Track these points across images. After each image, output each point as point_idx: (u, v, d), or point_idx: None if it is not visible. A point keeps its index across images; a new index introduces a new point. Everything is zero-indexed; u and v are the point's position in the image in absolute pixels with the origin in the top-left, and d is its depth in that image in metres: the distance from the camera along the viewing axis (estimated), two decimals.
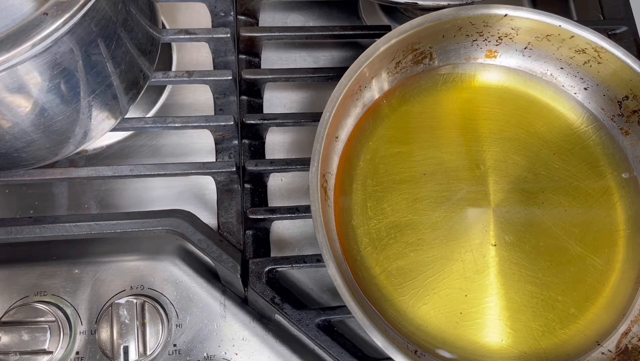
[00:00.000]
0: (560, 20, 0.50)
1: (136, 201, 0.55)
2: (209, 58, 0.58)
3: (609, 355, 0.46)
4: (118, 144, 0.57)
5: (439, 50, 0.54)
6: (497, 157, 0.51)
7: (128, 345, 0.46)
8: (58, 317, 0.47)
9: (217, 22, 0.59)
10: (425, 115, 0.53)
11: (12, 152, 0.44)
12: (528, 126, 0.53)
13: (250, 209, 0.51)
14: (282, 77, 0.56)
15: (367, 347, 0.50)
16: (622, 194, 0.52)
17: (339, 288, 0.41)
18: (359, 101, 0.51)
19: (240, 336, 0.50)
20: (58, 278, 0.50)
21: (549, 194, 0.50)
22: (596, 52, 0.51)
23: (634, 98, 0.51)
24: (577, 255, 0.49)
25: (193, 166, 0.51)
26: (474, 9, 0.50)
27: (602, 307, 0.48)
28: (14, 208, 0.54)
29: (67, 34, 0.37)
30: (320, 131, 0.45)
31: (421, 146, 0.52)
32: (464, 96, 0.54)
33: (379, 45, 0.48)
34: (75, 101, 0.42)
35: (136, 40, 0.46)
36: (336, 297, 0.53)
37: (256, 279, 0.49)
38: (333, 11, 0.66)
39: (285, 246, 0.55)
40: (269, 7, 0.65)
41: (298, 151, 0.59)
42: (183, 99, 0.59)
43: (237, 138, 0.54)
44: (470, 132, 0.52)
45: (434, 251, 0.48)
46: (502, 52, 0.55)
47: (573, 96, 0.55)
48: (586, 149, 0.53)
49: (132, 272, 0.51)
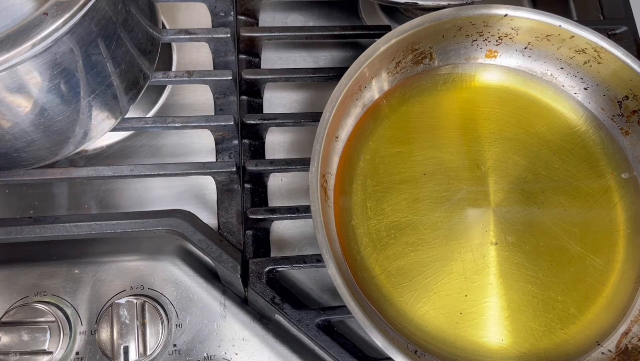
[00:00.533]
0: (560, 20, 0.50)
1: (136, 201, 0.55)
2: (209, 58, 0.58)
3: (609, 355, 0.46)
4: (118, 144, 0.57)
5: (439, 50, 0.54)
6: (497, 157, 0.51)
7: (128, 345, 0.46)
8: (58, 317, 0.47)
9: (217, 22, 0.59)
10: (425, 115, 0.53)
11: (12, 152, 0.44)
12: (528, 126, 0.53)
13: (250, 209, 0.51)
14: (282, 77, 0.56)
15: (367, 347, 0.50)
16: (622, 194, 0.52)
17: (339, 288, 0.41)
18: (359, 101, 0.51)
19: (240, 336, 0.50)
20: (58, 278, 0.50)
21: (549, 194, 0.50)
22: (596, 52, 0.51)
23: (634, 98, 0.51)
24: (577, 255, 0.49)
25: (193, 166, 0.51)
26: (474, 9, 0.50)
27: (602, 307, 0.48)
28: (14, 208, 0.54)
29: (67, 34, 0.37)
30: (320, 131, 0.45)
31: (421, 146, 0.51)
32: (464, 96, 0.54)
33: (379, 45, 0.48)
34: (75, 101, 0.42)
35: (136, 40, 0.46)
36: (336, 297, 0.53)
37: (256, 279, 0.49)
38: (333, 11, 0.66)
39: (285, 246, 0.55)
40: (269, 7, 0.65)
41: (298, 151, 0.59)
42: (183, 99, 0.59)
43: (237, 138, 0.54)
44: (470, 132, 0.52)
45: (434, 251, 0.48)
46: (502, 52, 0.55)
47: (573, 96, 0.55)
48: (586, 149, 0.53)
49: (132, 272, 0.51)
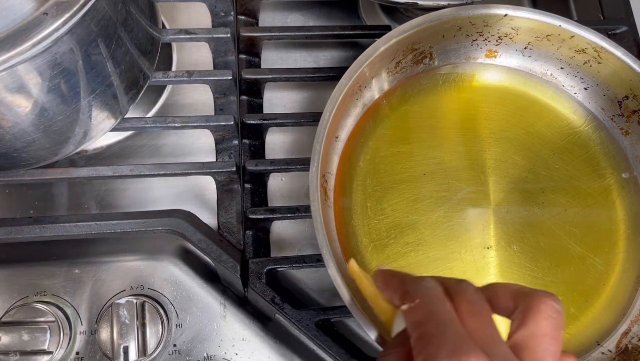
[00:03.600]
0: (560, 20, 0.50)
1: (136, 201, 0.55)
2: (209, 58, 0.58)
3: (609, 355, 0.46)
4: (118, 144, 0.57)
5: (439, 50, 0.54)
6: (497, 157, 0.51)
7: (128, 345, 0.46)
8: (58, 317, 0.47)
9: (217, 22, 0.59)
10: (425, 115, 0.53)
11: (12, 152, 0.44)
12: (528, 126, 0.53)
13: (250, 209, 0.51)
14: (282, 77, 0.56)
15: (367, 347, 0.50)
16: (622, 194, 0.52)
17: (339, 288, 0.41)
18: (359, 100, 0.51)
19: (240, 336, 0.50)
20: (58, 278, 0.50)
21: (549, 194, 0.50)
22: (596, 52, 0.51)
23: (634, 98, 0.51)
24: (577, 255, 0.49)
25: (193, 166, 0.51)
26: (474, 8, 0.50)
27: (602, 307, 0.48)
28: (14, 208, 0.54)
29: (67, 34, 0.37)
30: (320, 131, 0.45)
31: (421, 146, 0.51)
32: (464, 95, 0.54)
33: (379, 45, 0.48)
34: (75, 101, 0.42)
35: (136, 40, 0.46)
36: (336, 297, 0.53)
37: (256, 279, 0.49)
38: (333, 11, 0.66)
39: (285, 246, 0.55)
40: (269, 7, 0.65)
41: (298, 151, 0.59)
42: (183, 99, 0.59)
43: (237, 138, 0.54)
44: (470, 132, 0.52)
45: (434, 251, 0.48)
46: (502, 52, 0.55)
47: (573, 96, 0.55)
48: (586, 149, 0.53)
49: (132, 272, 0.51)
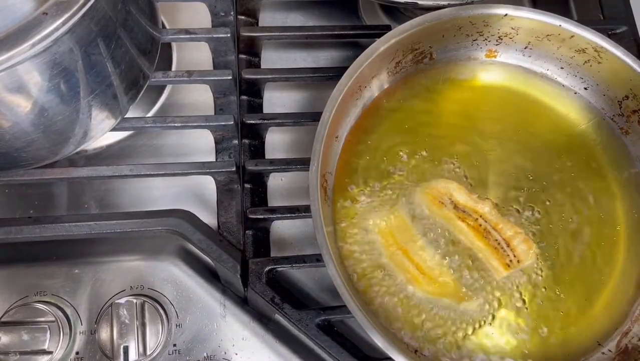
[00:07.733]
0: (560, 20, 0.50)
1: (136, 201, 0.55)
2: (209, 58, 0.58)
3: (609, 355, 0.46)
4: (118, 144, 0.57)
5: (439, 49, 0.54)
6: (498, 157, 0.51)
7: (128, 345, 0.46)
8: (58, 317, 0.47)
9: (217, 22, 0.59)
10: (425, 115, 0.53)
11: (12, 152, 0.44)
12: (528, 126, 0.53)
13: (250, 209, 0.51)
14: (282, 77, 0.56)
15: (367, 347, 0.50)
16: (622, 194, 0.51)
17: (339, 288, 0.41)
18: (359, 100, 0.51)
19: (240, 336, 0.50)
20: (58, 278, 0.50)
21: (549, 193, 0.50)
22: (596, 52, 0.51)
23: (634, 98, 0.51)
24: (577, 255, 0.49)
25: (193, 166, 0.51)
26: (474, 8, 0.50)
27: (602, 307, 0.48)
28: (14, 208, 0.54)
29: (66, 34, 0.37)
30: (320, 131, 0.45)
31: (421, 146, 0.51)
32: (464, 95, 0.54)
33: (379, 45, 0.48)
34: (75, 100, 0.42)
35: (136, 40, 0.46)
36: (336, 297, 0.53)
37: (256, 279, 0.49)
38: (333, 11, 0.66)
39: (285, 246, 0.55)
40: (269, 7, 0.65)
41: (298, 151, 0.59)
42: (183, 99, 0.59)
43: (237, 138, 0.54)
44: (470, 132, 0.52)
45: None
46: (502, 52, 0.55)
47: (573, 95, 0.55)
48: (586, 149, 0.53)
49: (132, 272, 0.51)
